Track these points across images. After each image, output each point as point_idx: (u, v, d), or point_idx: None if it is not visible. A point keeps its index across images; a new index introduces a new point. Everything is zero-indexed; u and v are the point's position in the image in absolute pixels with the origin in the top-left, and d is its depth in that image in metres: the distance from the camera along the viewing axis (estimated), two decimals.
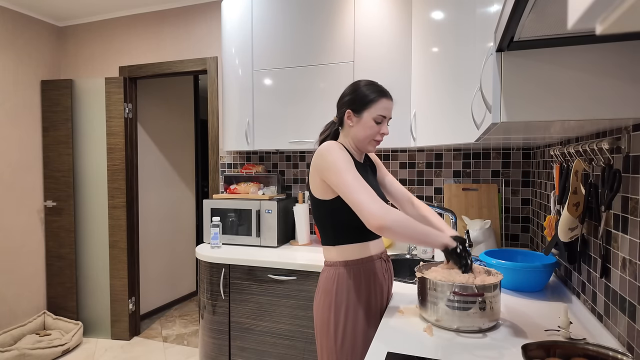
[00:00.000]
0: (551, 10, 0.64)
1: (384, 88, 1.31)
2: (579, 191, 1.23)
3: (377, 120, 1.27)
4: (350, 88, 1.32)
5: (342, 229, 1.28)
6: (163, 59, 2.99)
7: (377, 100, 1.26)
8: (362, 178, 1.18)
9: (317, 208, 1.30)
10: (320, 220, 1.31)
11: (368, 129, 1.27)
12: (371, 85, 1.29)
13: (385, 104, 1.28)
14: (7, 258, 2.93)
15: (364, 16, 2.08)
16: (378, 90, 1.28)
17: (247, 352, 2.05)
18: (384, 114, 1.27)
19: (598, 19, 0.26)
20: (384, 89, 1.31)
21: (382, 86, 1.31)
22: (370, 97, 1.26)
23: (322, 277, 1.32)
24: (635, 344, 0.95)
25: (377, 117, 1.27)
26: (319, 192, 1.27)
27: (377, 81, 1.33)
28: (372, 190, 1.14)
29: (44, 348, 2.66)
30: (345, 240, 1.28)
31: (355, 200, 1.13)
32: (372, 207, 1.10)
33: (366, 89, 1.28)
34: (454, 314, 1.12)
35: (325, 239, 1.32)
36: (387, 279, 1.37)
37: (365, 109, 1.27)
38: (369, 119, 1.27)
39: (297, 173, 2.64)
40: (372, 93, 1.27)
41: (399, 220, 1.09)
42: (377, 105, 1.26)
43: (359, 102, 1.27)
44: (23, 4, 2.93)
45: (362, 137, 1.29)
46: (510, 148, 2.20)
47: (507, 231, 2.21)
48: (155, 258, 3.59)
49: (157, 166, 3.61)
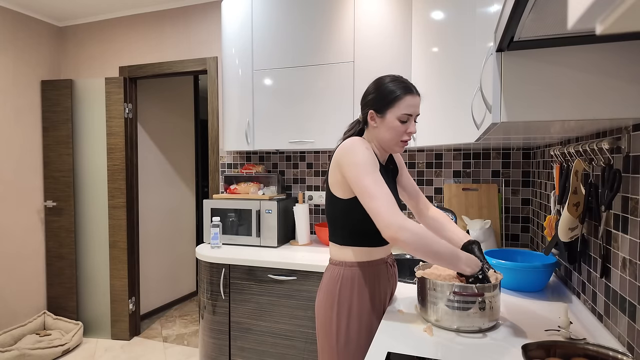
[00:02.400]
0: (551, 10, 0.64)
1: (409, 83, 1.20)
2: (579, 191, 1.23)
3: (402, 120, 1.18)
4: (373, 86, 1.23)
5: (354, 230, 1.23)
6: (163, 59, 2.99)
7: (400, 98, 1.17)
8: (384, 182, 1.12)
9: (332, 205, 1.26)
10: (332, 217, 1.27)
11: (393, 129, 1.19)
12: (394, 82, 1.19)
13: (410, 101, 1.17)
14: (7, 258, 2.93)
15: (364, 16, 2.08)
16: (402, 87, 1.18)
17: (247, 352, 2.05)
18: (409, 112, 1.18)
19: (598, 19, 0.26)
20: (409, 84, 1.20)
21: (407, 81, 1.20)
22: (393, 95, 1.17)
23: (326, 275, 1.29)
24: (635, 344, 0.95)
25: (402, 116, 1.17)
26: (338, 190, 1.22)
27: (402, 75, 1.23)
28: (391, 198, 1.09)
29: (44, 348, 2.66)
30: (355, 243, 1.24)
31: (372, 207, 1.08)
32: (390, 217, 1.05)
33: (389, 86, 1.19)
34: (454, 314, 1.12)
35: (334, 236, 1.28)
36: (392, 284, 1.35)
37: (389, 109, 1.18)
38: (393, 119, 1.18)
39: (297, 173, 2.64)
40: (395, 91, 1.17)
41: (415, 234, 1.04)
42: (402, 104, 1.17)
43: (382, 102, 1.19)
44: (23, 4, 2.93)
45: (387, 139, 1.21)
46: (510, 148, 2.20)
47: (507, 231, 2.21)
48: (155, 258, 3.59)
49: (157, 166, 3.61)
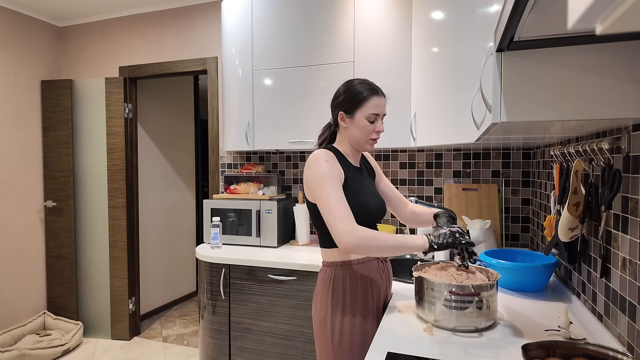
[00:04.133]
0: (551, 10, 0.64)
1: (374, 85, 1.28)
2: (579, 191, 1.23)
3: (370, 119, 1.26)
4: (343, 88, 1.31)
5: None
6: (163, 59, 2.99)
7: (367, 99, 1.25)
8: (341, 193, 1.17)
9: (311, 211, 1.30)
10: (316, 222, 1.31)
11: (362, 128, 1.26)
12: (361, 84, 1.27)
13: (377, 102, 1.26)
14: (7, 258, 2.93)
15: (364, 16, 2.08)
16: (367, 89, 1.26)
17: (247, 352, 2.05)
18: (376, 112, 1.26)
19: (598, 19, 0.26)
20: (374, 86, 1.28)
21: (372, 84, 1.29)
22: (360, 96, 1.25)
23: (320, 277, 1.33)
24: (635, 344, 0.95)
25: (370, 116, 1.25)
26: (311, 197, 1.27)
27: (368, 79, 1.31)
28: (345, 208, 1.14)
29: (44, 348, 2.66)
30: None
31: (326, 220, 1.15)
32: (339, 227, 1.11)
33: (357, 87, 1.26)
34: (451, 314, 1.12)
35: (321, 240, 1.33)
36: (385, 279, 1.37)
37: (357, 109, 1.25)
38: (362, 118, 1.25)
39: (297, 173, 2.64)
40: (362, 92, 1.25)
41: (363, 237, 1.09)
42: (369, 104, 1.25)
43: (350, 103, 1.26)
44: (23, 4, 2.93)
45: (357, 138, 1.28)
46: (510, 148, 2.20)
47: (507, 231, 2.21)
48: (155, 258, 3.59)
49: (157, 166, 3.61)
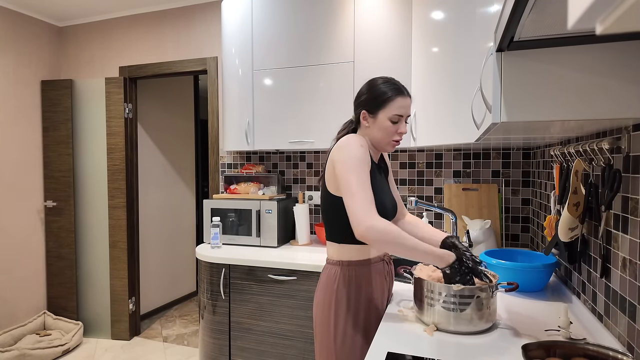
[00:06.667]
0: (551, 10, 0.64)
1: (399, 85, 1.24)
2: (579, 191, 1.23)
3: (393, 120, 1.22)
4: (366, 87, 1.27)
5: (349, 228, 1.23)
6: (163, 59, 2.99)
7: (392, 99, 1.21)
8: (369, 182, 1.14)
9: (328, 202, 1.27)
10: (328, 215, 1.28)
11: (384, 129, 1.23)
12: (386, 84, 1.24)
13: (401, 102, 1.22)
14: (7, 258, 2.93)
15: (364, 16, 2.08)
16: (392, 89, 1.22)
17: (247, 352, 2.05)
18: (400, 113, 1.22)
19: (598, 19, 0.26)
20: (400, 85, 1.24)
21: (397, 83, 1.25)
22: (385, 96, 1.21)
23: (324, 274, 1.30)
24: (635, 344, 0.95)
25: (393, 117, 1.21)
26: (333, 187, 1.23)
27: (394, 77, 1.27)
28: (369, 198, 1.11)
29: (44, 348, 2.66)
30: (351, 240, 1.25)
31: (349, 205, 1.11)
32: (361, 217, 1.07)
33: (381, 87, 1.23)
34: (450, 315, 1.12)
35: (331, 235, 1.29)
36: (389, 281, 1.36)
37: (381, 109, 1.22)
38: (385, 119, 1.22)
39: (297, 173, 2.64)
40: (387, 92, 1.21)
41: (382, 232, 1.06)
42: (393, 105, 1.21)
43: (374, 102, 1.23)
44: (23, 4, 2.93)
45: (379, 138, 1.25)
46: (510, 148, 2.20)
47: (507, 231, 2.21)
48: (155, 258, 3.59)
49: (157, 166, 3.61)
